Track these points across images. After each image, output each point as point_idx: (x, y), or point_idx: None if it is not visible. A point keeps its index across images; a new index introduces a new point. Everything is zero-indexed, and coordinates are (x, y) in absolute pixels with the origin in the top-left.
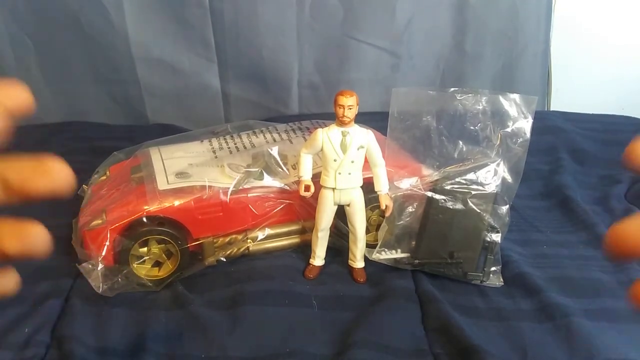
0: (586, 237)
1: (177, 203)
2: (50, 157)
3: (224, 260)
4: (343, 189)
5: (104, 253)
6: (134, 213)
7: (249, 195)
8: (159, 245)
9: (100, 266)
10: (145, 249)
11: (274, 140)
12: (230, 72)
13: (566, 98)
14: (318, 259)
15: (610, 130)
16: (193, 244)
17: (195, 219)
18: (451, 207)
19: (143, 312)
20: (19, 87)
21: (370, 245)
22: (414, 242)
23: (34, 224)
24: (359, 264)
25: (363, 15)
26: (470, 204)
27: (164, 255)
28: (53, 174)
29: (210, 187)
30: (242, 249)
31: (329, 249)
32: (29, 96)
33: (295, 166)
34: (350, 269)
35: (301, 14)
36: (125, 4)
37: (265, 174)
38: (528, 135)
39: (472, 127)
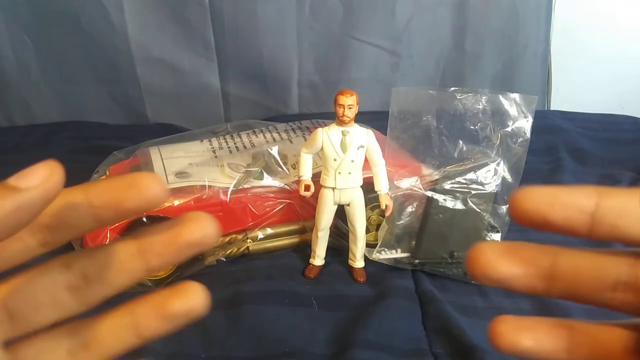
0: None
1: (177, 203)
2: (140, 175)
3: (224, 260)
4: (343, 188)
5: None
6: None
7: (248, 195)
8: None
9: None
10: None
11: (274, 140)
12: (230, 72)
13: (566, 97)
14: (318, 258)
15: (610, 129)
16: None
17: None
18: (451, 206)
19: None
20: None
21: (370, 245)
22: (414, 242)
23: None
24: (359, 263)
25: (363, 15)
26: (470, 203)
27: None
28: (144, 190)
29: (210, 186)
30: (242, 249)
31: (329, 249)
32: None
33: (295, 166)
34: (350, 269)
35: (301, 13)
36: (125, 4)
37: (265, 174)
38: (528, 134)
39: (472, 127)
